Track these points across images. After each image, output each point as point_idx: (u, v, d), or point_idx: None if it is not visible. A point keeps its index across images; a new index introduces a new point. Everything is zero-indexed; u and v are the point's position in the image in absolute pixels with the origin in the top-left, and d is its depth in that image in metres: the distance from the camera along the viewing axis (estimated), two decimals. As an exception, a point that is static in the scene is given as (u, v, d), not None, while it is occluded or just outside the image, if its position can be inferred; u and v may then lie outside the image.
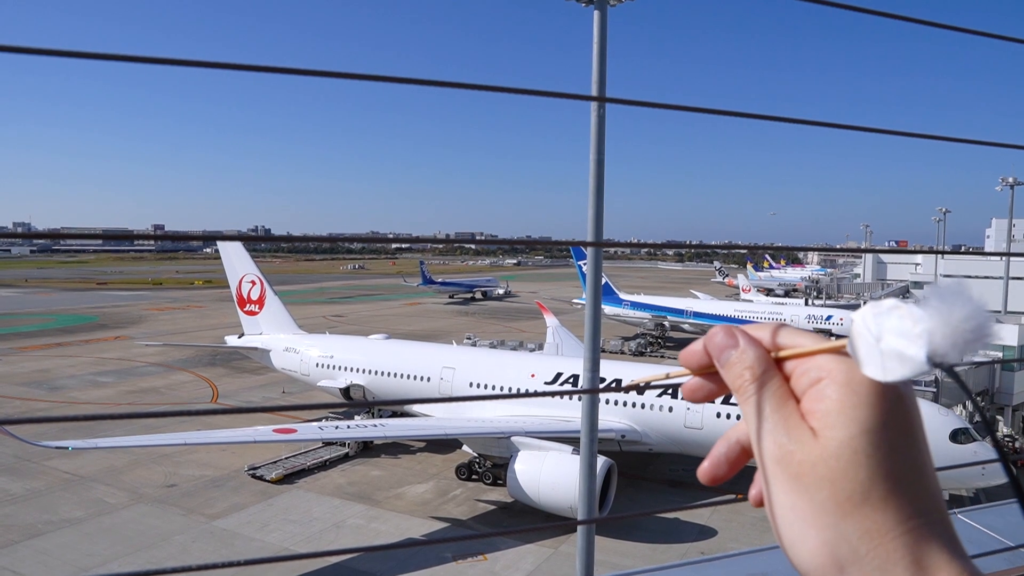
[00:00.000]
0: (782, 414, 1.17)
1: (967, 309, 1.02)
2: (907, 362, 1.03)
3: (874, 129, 2.99)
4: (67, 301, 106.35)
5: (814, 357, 1.19)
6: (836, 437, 1.10)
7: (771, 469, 1.17)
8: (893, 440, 1.10)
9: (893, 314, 1.06)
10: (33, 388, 49.08)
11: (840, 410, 1.11)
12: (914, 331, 1.03)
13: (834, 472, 1.09)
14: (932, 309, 1.03)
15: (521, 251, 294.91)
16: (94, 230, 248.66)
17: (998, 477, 26.87)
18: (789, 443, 1.14)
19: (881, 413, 1.11)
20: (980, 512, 4.94)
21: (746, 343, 1.26)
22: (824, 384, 1.15)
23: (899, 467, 1.09)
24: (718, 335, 1.29)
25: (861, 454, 1.08)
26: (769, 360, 1.24)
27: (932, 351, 1.01)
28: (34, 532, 26.62)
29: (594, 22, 15.24)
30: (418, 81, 1.92)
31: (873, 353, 1.06)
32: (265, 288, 46.24)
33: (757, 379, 1.22)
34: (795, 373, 1.22)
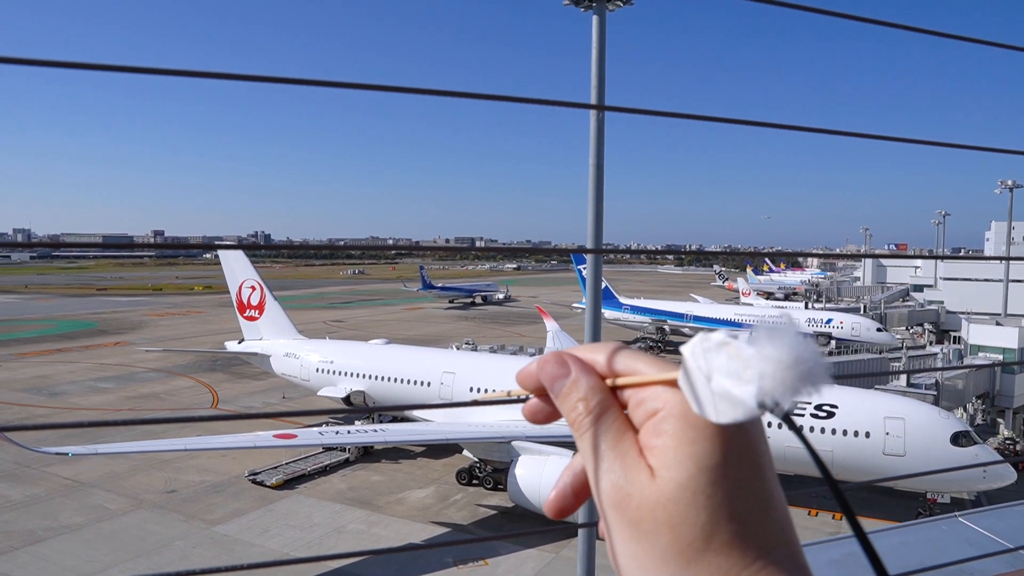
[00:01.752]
0: (619, 451, 1.07)
1: (798, 351, 0.95)
2: (738, 405, 0.96)
3: (875, 136, 3.01)
4: (67, 307, 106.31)
5: (653, 386, 1.10)
6: (674, 478, 1.01)
7: (609, 514, 1.07)
8: (736, 476, 1.02)
9: (722, 352, 0.99)
10: (33, 394, 49.05)
11: (677, 447, 1.03)
12: (744, 372, 0.96)
13: (673, 517, 1.00)
14: (762, 350, 0.96)
15: (521, 255, 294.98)
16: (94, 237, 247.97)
17: (999, 480, 26.85)
18: (626, 484, 1.04)
19: (721, 448, 1.02)
20: (980, 515, 4.95)
21: (579, 372, 1.15)
22: (661, 417, 1.06)
23: (743, 505, 1.01)
24: (549, 363, 1.18)
25: (701, 495, 0.99)
26: (605, 390, 1.14)
27: (762, 395, 0.94)
28: (34, 538, 26.58)
29: (593, 27, 15.29)
30: (419, 91, 1.94)
31: (704, 392, 0.99)
32: (265, 293, 46.26)
33: (591, 412, 1.11)
34: (632, 402, 1.12)
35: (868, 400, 29.46)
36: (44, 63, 1.64)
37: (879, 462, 27.18)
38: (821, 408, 28.66)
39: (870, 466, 27.31)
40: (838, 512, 29.44)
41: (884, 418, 27.67)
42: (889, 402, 29.14)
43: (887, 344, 61.14)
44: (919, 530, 4.89)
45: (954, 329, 59.68)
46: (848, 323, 64.75)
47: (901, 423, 27.35)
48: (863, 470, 27.43)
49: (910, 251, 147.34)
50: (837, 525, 28.61)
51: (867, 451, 27.55)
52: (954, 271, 79.33)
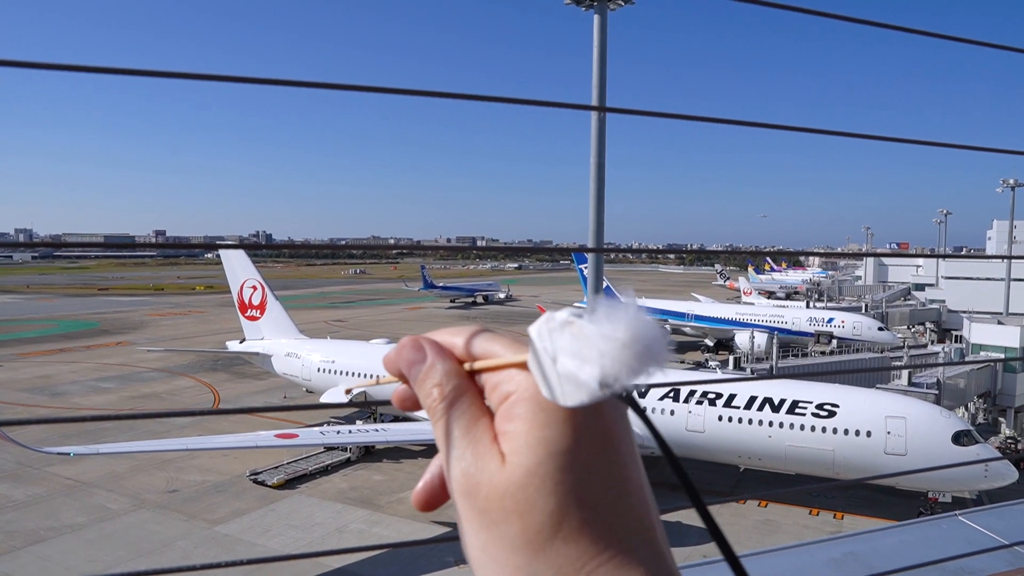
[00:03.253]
0: (471, 437, 1.04)
1: (635, 329, 0.93)
2: (582, 387, 0.93)
3: (876, 136, 3.02)
4: (69, 307, 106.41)
5: (508, 368, 1.06)
6: (523, 464, 0.98)
7: (460, 503, 1.03)
8: (588, 461, 0.98)
9: (566, 332, 0.96)
10: (35, 394, 49.12)
11: (528, 431, 0.99)
12: (586, 353, 0.93)
13: (521, 504, 0.96)
14: (601, 328, 0.93)
15: (522, 255, 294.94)
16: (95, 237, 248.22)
17: (1000, 479, 26.85)
18: (476, 472, 1.01)
19: (573, 432, 0.98)
20: (981, 513, 4.96)
21: (435, 356, 1.12)
22: (513, 401, 1.03)
23: (596, 490, 0.98)
24: (406, 348, 1.14)
25: (550, 481, 0.96)
26: (461, 374, 1.10)
27: (604, 375, 0.91)
28: (36, 538, 26.62)
29: (594, 27, 15.31)
30: (420, 92, 1.95)
31: (551, 374, 0.96)
32: (266, 293, 46.30)
33: (445, 397, 1.08)
34: (488, 386, 1.08)
35: (869, 399, 29.46)
36: (48, 66, 1.65)
37: (880, 461, 27.18)
38: (822, 407, 28.68)
39: (871, 465, 27.32)
40: (839, 511, 29.57)
41: (885, 417, 27.67)
42: (890, 401, 29.14)
43: (889, 343, 61.12)
44: (919, 529, 4.90)
45: (956, 328, 59.66)
46: (850, 322, 64.72)
47: (902, 422, 27.35)
48: (865, 469, 27.45)
49: (912, 250, 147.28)
50: (838, 524, 28.62)
51: (869, 450, 27.55)
52: (956, 270, 79.33)
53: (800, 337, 64.90)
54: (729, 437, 30.08)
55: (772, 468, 30.49)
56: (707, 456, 31.51)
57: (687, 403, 30.92)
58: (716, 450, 30.82)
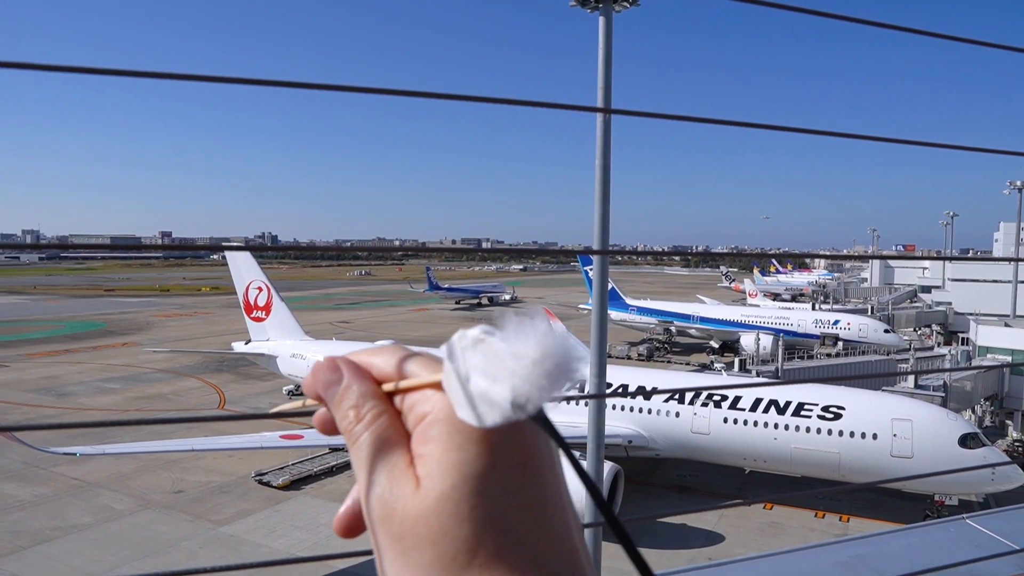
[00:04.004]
0: (388, 461, 0.99)
1: (544, 346, 0.90)
2: (495, 407, 0.90)
3: (883, 138, 3.01)
4: (75, 308, 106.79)
5: (425, 388, 1.02)
6: (436, 488, 0.93)
7: (376, 531, 0.98)
8: (506, 483, 0.94)
9: (478, 350, 0.93)
10: (41, 395, 49.30)
11: (442, 454, 0.95)
12: (497, 371, 0.90)
13: (435, 531, 0.91)
14: (511, 346, 0.91)
15: (527, 257, 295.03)
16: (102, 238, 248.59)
17: (1007, 482, 26.73)
18: (390, 498, 0.96)
19: (489, 453, 0.94)
20: (988, 517, 4.93)
21: (351, 377, 1.06)
22: (428, 422, 0.98)
23: (514, 514, 0.93)
24: (322, 369, 1.09)
25: (465, 505, 0.91)
26: (379, 395, 1.05)
27: (515, 395, 0.88)
28: (42, 538, 26.71)
29: (599, 28, 15.30)
30: (426, 94, 1.95)
31: (464, 394, 0.92)
32: (272, 294, 46.39)
33: (361, 419, 1.03)
34: (405, 407, 1.03)
35: (875, 402, 29.37)
36: (54, 68, 1.65)
37: (886, 464, 27.09)
38: (828, 410, 28.60)
39: (877, 468, 27.23)
40: (845, 514, 29.47)
41: (891, 420, 27.58)
42: (896, 404, 29.04)
43: (895, 345, 60.92)
44: (926, 532, 4.88)
45: (962, 330, 59.37)
46: (855, 324, 64.53)
47: (909, 425, 27.26)
48: (870, 472, 27.35)
49: (918, 252, 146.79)
50: (844, 527, 28.51)
51: (874, 453, 27.46)
52: (962, 272, 79.00)
53: (806, 339, 64.75)
54: (734, 439, 30.01)
55: (778, 470, 30.42)
56: (712, 458, 31.45)
57: (692, 405, 30.87)
58: (721, 452, 30.75)
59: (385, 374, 1.07)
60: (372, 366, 1.08)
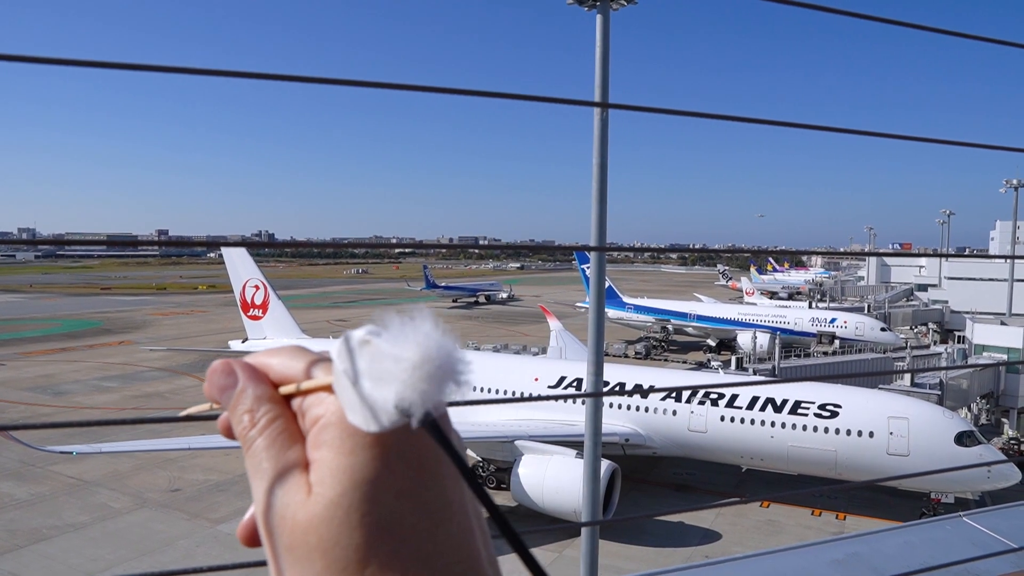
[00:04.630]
0: (280, 468, 0.95)
1: (426, 348, 0.87)
2: (381, 412, 0.87)
3: (879, 134, 3.00)
4: (71, 306, 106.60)
5: (320, 391, 0.97)
6: (326, 495, 0.89)
7: (267, 541, 0.95)
8: (401, 488, 0.91)
9: (364, 352, 0.89)
10: (38, 393, 49.20)
11: (333, 459, 0.91)
12: (383, 375, 0.87)
13: (325, 539, 0.88)
14: (394, 349, 0.88)
15: (524, 255, 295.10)
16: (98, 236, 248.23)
17: (1003, 480, 26.81)
18: (283, 507, 0.92)
19: (382, 457, 0.90)
20: (985, 515, 4.94)
21: (246, 380, 1.02)
22: (321, 425, 0.94)
23: (409, 519, 0.90)
24: (216, 371, 1.04)
25: (356, 512, 0.88)
26: (275, 398, 1.01)
27: (399, 400, 0.86)
28: (39, 537, 26.66)
29: (597, 26, 15.29)
30: (423, 88, 1.93)
31: (352, 397, 0.89)
32: (269, 293, 46.36)
33: (255, 424, 0.99)
34: (301, 410, 0.99)
35: (872, 400, 29.44)
36: (48, 61, 1.64)
37: (883, 462, 27.16)
38: (825, 408, 28.66)
39: (874, 466, 27.30)
40: (841, 512, 29.54)
41: (888, 418, 27.64)
42: (893, 402, 29.12)
43: (891, 344, 61.07)
44: (923, 530, 4.88)
45: (958, 329, 59.57)
46: (852, 323, 64.68)
47: (905, 423, 27.33)
48: (867, 470, 27.43)
49: (914, 250, 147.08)
50: (840, 525, 28.57)
51: (871, 451, 27.53)
52: (959, 270, 79.20)
53: (803, 337, 64.89)
54: (731, 437, 30.06)
55: (774, 469, 30.47)
56: (709, 456, 31.50)
57: (689, 403, 30.91)
58: (718, 450, 30.80)
59: (283, 376, 1.02)
60: (270, 367, 1.04)
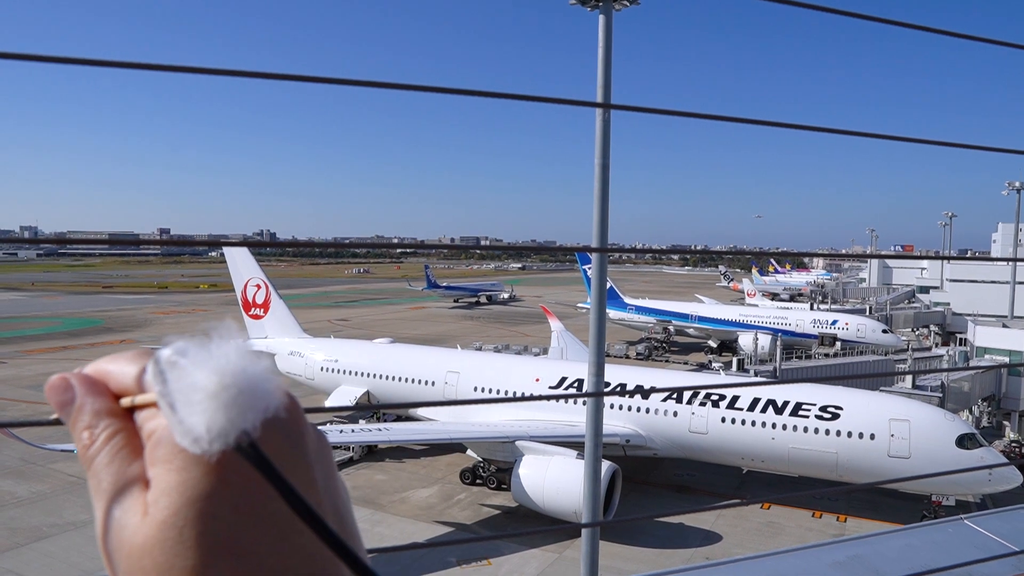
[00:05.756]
0: (120, 488, 0.89)
1: (223, 374, 0.83)
2: (197, 438, 0.82)
3: (882, 135, 3.00)
4: (73, 305, 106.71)
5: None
6: (158, 516, 0.84)
7: (108, 566, 0.89)
8: (239, 503, 0.85)
9: (175, 374, 0.85)
10: (39, 391, 49.03)
11: (165, 475, 0.85)
12: (194, 400, 0.82)
13: (159, 563, 0.82)
14: (193, 376, 0.83)
15: (526, 255, 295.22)
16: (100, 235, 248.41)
17: (1005, 483, 26.76)
18: (120, 529, 0.87)
19: (217, 471, 0.85)
20: (986, 518, 4.93)
21: (84, 395, 0.96)
22: (155, 441, 0.89)
23: (250, 536, 0.84)
24: (53, 388, 0.98)
25: (191, 531, 0.82)
26: (115, 412, 0.94)
27: (210, 427, 0.82)
28: (39, 535, 26.69)
29: (599, 26, 15.29)
30: (425, 88, 1.93)
31: (172, 417, 0.84)
32: (270, 292, 46.37)
33: (94, 441, 0.93)
34: (139, 423, 0.93)
35: (873, 402, 29.40)
36: (51, 59, 1.64)
37: (884, 464, 27.12)
38: (826, 410, 28.62)
39: (875, 468, 27.26)
40: (842, 514, 29.50)
41: (889, 420, 27.61)
42: (894, 404, 29.08)
43: (893, 346, 61.03)
44: (924, 533, 4.87)
45: (960, 331, 59.51)
46: (853, 324, 64.65)
47: (906, 425, 27.29)
48: (868, 472, 27.39)
49: (916, 252, 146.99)
50: (841, 527, 28.54)
51: (872, 453, 27.49)
52: (960, 273, 79.12)
53: (804, 339, 64.84)
54: (732, 439, 30.03)
55: (775, 470, 30.44)
56: (710, 458, 31.47)
57: (690, 404, 30.89)
58: (719, 452, 30.77)
59: (123, 386, 0.96)
60: (109, 376, 0.99)
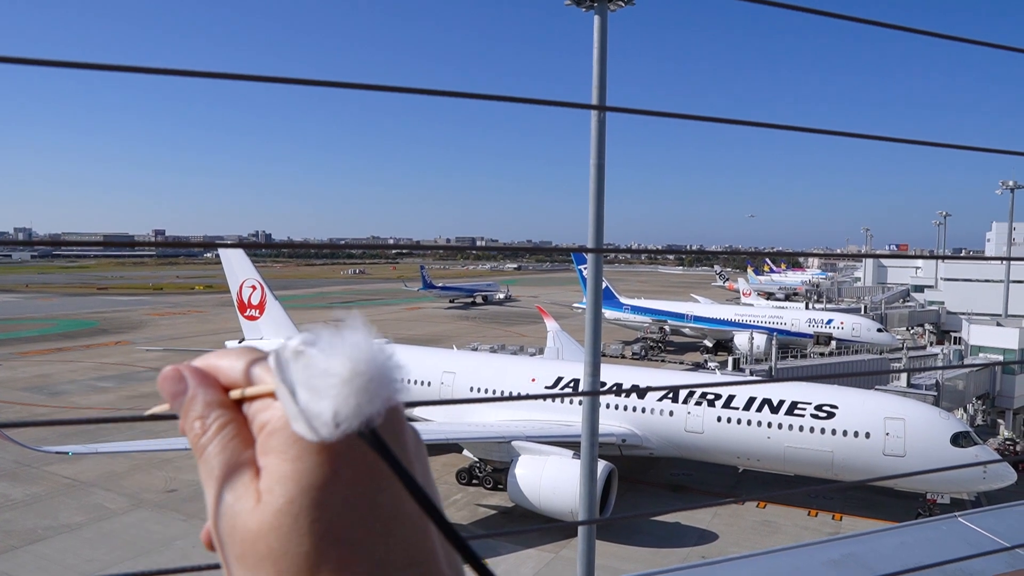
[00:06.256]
0: (232, 475, 0.94)
1: (355, 362, 0.87)
2: (320, 423, 0.86)
3: (875, 136, 3.02)
4: (68, 306, 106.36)
5: (268, 396, 0.96)
6: (274, 503, 0.88)
7: (221, 549, 0.94)
8: (348, 494, 0.89)
9: (299, 363, 0.89)
10: (34, 393, 49.08)
11: (279, 465, 0.90)
12: (318, 387, 0.87)
13: (274, 548, 0.87)
14: (324, 363, 0.87)
15: (522, 255, 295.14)
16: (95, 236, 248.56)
17: (999, 481, 26.86)
18: (233, 514, 0.91)
19: (330, 463, 0.89)
20: (980, 515, 4.96)
21: (196, 385, 1.01)
22: (268, 431, 0.94)
23: (359, 526, 0.89)
24: (167, 379, 1.03)
25: (304, 519, 0.87)
26: (225, 404, 1.00)
27: (336, 413, 0.85)
28: (34, 537, 26.60)
29: (594, 27, 15.30)
30: (420, 91, 1.94)
31: (292, 406, 0.88)
32: (266, 293, 46.28)
33: (206, 431, 0.98)
34: (250, 415, 0.98)
35: (868, 400, 29.48)
36: (46, 63, 1.64)
37: (879, 462, 27.20)
38: (821, 409, 28.70)
39: (870, 466, 27.34)
40: (838, 512, 29.58)
41: (884, 418, 27.69)
42: (889, 403, 29.16)
43: (888, 345, 61.20)
44: (918, 530, 4.90)
45: (955, 330, 59.69)
46: (849, 323, 64.81)
47: (901, 423, 27.37)
48: (863, 470, 27.46)
49: (911, 251, 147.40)
50: (837, 525, 28.61)
51: (867, 451, 27.57)
52: (955, 272, 79.39)
53: (799, 338, 64.99)
54: (728, 438, 30.08)
55: (771, 469, 30.50)
56: (706, 457, 31.52)
57: (686, 404, 30.93)
58: (715, 451, 30.82)
59: (231, 379, 1.01)
60: (219, 371, 1.03)
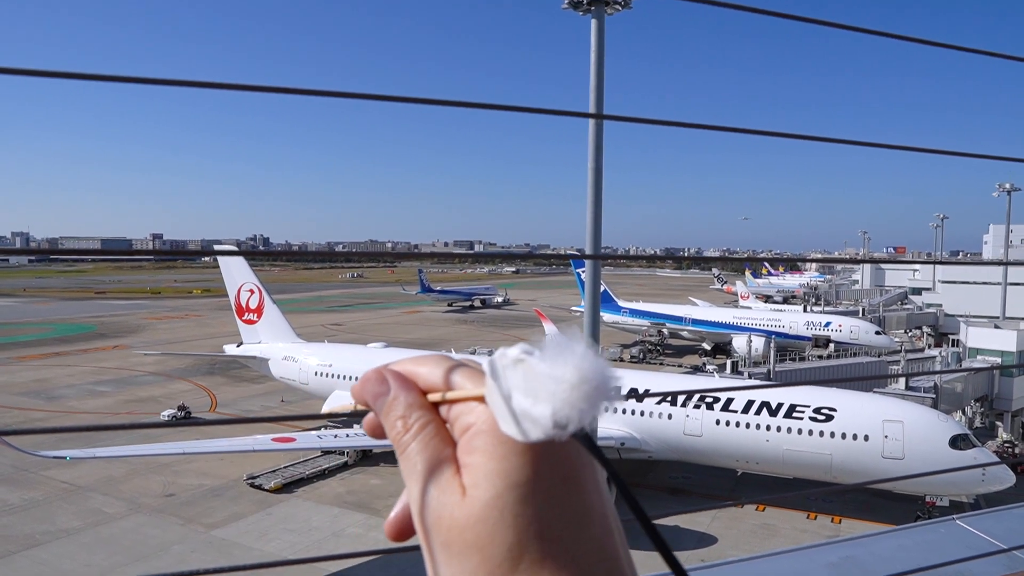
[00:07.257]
0: (435, 471, 1.03)
1: (583, 370, 0.94)
2: (537, 424, 0.94)
3: (874, 144, 3.04)
4: (65, 310, 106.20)
5: (469, 400, 1.06)
6: (481, 496, 0.97)
7: (424, 538, 1.04)
8: (548, 492, 0.98)
9: (519, 370, 0.97)
10: (31, 398, 48.99)
11: (486, 463, 0.99)
12: (538, 392, 0.95)
13: (481, 537, 0.96)
14: (551, 369, 0.95)
15: (520, 260, 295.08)
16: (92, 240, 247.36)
17: (998, 483, 26.88)
18: (438, 506, 1.01)
19: (532, 463, 0.99)
20: (979, 517, 4.96)
21: (398, 388, 1.11)
22: (473, 432, 1.03)
23: (556, 522, 0.97)
24: (370, 380, 1.15)
25: (509, 513, 0.96)
26: (425, 405, 1.10)
27: (556, 415, 0.93)
28: (32, 542, 26.54)
29: (592, 30, 15.34)
30: (418, 100, 1.95)
31: (506, 409, 0.97)
32: (263, 297, 46.27)
33: (409, 430, 1.08)
34: (451, 418, 1.08)
35: (867, 403, 29.50)
36: (48, 74, 1.65)
37: (878, 465, 27.20)
38: (820, 411, 28.71)
39: (869, 469, 27.34)
40: (836, 515, 29.58)
41: (883, 421, 27.70)
42: (888, 405, 29.18)
43: (886, 347, 61.21)
44: (916, 533, 4.90)
45: (953, 332, 59.76)
46: (847, 326, 64.85)
47: (900, 426, 27.39)
48: (862, 473, 27.47)
49: (908, 254, 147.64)
50: (835, 528, 28.61)
51: (866, 454, 27.58)
52: (952, 274, 79.52)
53: (797, 341, 65.01)
54: (727, 441, 30.08)
55: (770, 472, 30.49)
56: (705, 460, 31.51)
57: (684, 407, 30.92)
58: (714, 454, 30.81)
59: (430, 384, 1.11)
60: (418, 376, 1.13)
